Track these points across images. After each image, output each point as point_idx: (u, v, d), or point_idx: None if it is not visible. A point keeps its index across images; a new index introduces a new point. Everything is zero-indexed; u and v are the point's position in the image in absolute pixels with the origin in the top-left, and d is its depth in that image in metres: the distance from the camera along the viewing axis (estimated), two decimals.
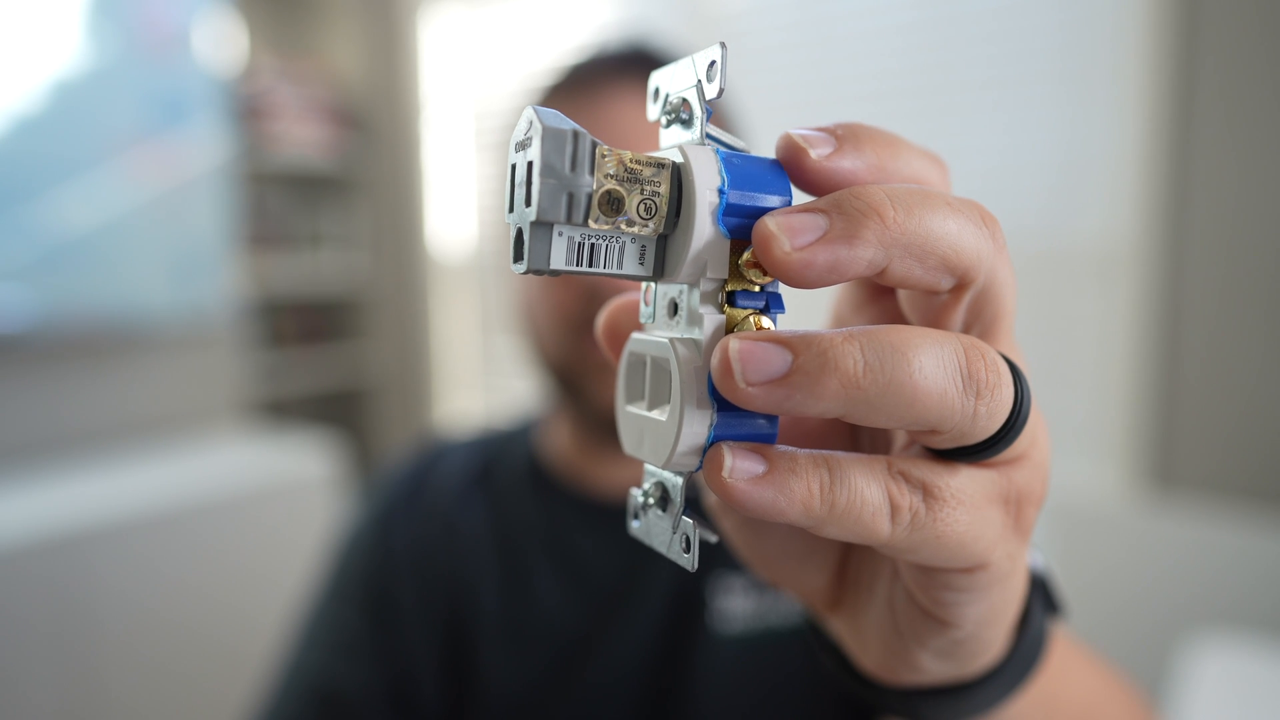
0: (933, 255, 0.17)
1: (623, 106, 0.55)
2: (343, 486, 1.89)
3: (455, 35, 2.37)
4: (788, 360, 0.16)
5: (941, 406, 0.17)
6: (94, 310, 1.70)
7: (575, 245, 0.18)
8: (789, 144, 0.19)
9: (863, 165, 0.19)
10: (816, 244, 0.17)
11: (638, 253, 0.19)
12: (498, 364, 2.40)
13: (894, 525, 0.18)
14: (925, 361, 0.16)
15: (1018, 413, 0.18)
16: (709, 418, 0.18)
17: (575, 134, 0.17)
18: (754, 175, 0.18)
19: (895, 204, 0.17)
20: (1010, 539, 0.20)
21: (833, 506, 0.17)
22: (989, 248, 0.18)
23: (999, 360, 0.18)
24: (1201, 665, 1.04)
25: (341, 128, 2.50)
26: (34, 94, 1.60)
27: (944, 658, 0.22)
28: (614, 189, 0.18)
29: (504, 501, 0.62)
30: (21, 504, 1.51)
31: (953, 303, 0.20)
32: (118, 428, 1.82)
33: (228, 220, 1.91)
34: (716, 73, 0.19)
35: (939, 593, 0.20)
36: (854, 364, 0.16)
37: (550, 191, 0.17)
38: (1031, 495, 0.20)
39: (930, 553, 0.18)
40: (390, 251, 2.60)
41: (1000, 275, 0.19)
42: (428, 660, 0.58)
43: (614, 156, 0.18)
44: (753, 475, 0.17)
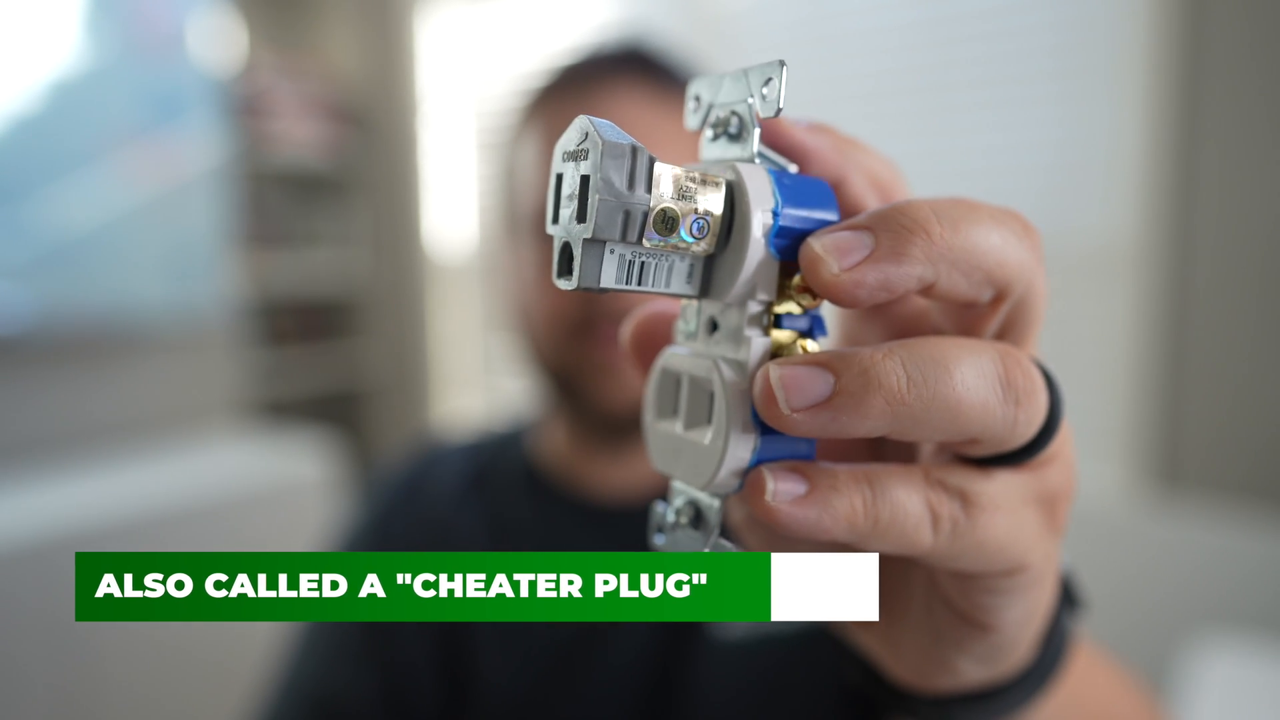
0: (979, 270, 0.18)
1: (618, 105, 0.55)
2: (340, 487, 1.89)
3: (453, 33, 2.36)
4: (830, 383, 0.16)
5: (984, 417, 0.17)
6: (91, 310, 1.69)
7: (626, 263, 0.18)
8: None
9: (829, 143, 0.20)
10: (865, 264, 0.16)
11: (686, 271, 0.19)
12: (496, 364, 2.39)
13: (936, 535, 0.18)
14: (967, 373, 0.16)
15: (1053, 418, 0.18)
16: (753, 442, 0.18)
17: (634, 149, 0.17)
18: (805, 196, 0.18)
19: (941, 219, 0.17)
20: (1046, 539, 0.20)
21: (876, 522, 0.17)
22: (1030, 260, 0.19)
23: (1033, 367, 0.18)
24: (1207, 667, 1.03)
25: (339, 125, 2.50)
26: (31, 93, 1.59)
27: (982, 661, 0.22)
28: (670, 207, 0.17)
29: (499, 505, 0.62)
30: (19, 504, 1.50)
31: (990, 312, 0.20)
32: (114, 428, 1.82)
33: (225, 219, 1.91)
34: (775, 92, 0.18)
35: (980, 597, 0.20)
36: (897, 380, 0.16)
37: (607, 209, 0.17)
38: (1064, 494, 0.20)
39: (971, 559, 0.19)
40: (388, 251, 2.59)
41: (1038, 285, 0.19)
42: (425, 664, 0.58)
43: (670, 174, 0.17)
44: (795, 496, 0.17)
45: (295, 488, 1.78)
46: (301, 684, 0.57)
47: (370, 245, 2.61)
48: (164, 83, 1.78)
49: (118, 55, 1.71)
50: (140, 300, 1.76)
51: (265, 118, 2.29)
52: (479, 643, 0.57)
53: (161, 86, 1.77)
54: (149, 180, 1.76)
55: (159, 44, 1.76)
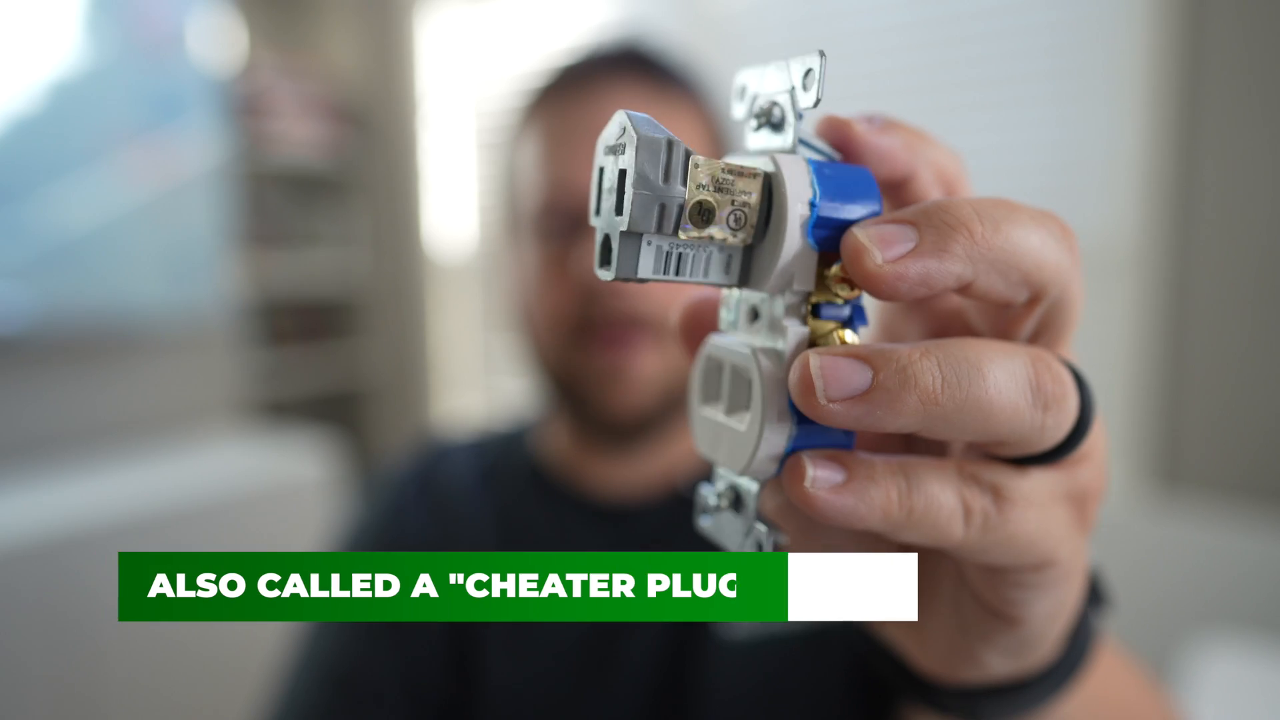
0: (1016, 270, 0.18)
1: (617, 104, 0.55)
2: (340, 486, 1.89)
3: (453, 33, 2.36)
4: (868, 377, 0.16)
5: (1013, 420, 0.17)
6: (91, 310, 1.69)
7: (663, 255, 0.18)
8: (835, 124, 0.19)
9: (900, 142, 0.20)
10: (907, 257, 0.17)
11: (724, 262, 0.19)
12: (496, 364, 2.39)
13: (967, 528, 0.18)
14: (999, 377, 0.17)
15: (1083, 420, 0.18)
16: (789, 430, 0.18)
17: (670, 143, 0.17)
18: (845, 187, 0.18)
19: (983, 218, 0.17)
20: (1075, 535, 0.20)
21: (910, 512, 0.18)
22: (1068, 262, 0.19)
23: (1064, 371, 0.18)
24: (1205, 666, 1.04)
25: (339, 125, 2.49)
26: (30, 93, 1.59)
27: (1008, 655, 0.22)
28: (706, 199, 0.18)
29: (507, 502, 0.62)
30: (19, 504, 1.50)
31: (1025, 313, 0.20)
32: (114, 428, 1.81)
33: (225, 219, 1.90)
34: (813, 82, 0.19)
35: (1008, 591, 0.20)
36: (933, 380, 0.16)
37: (643, 202, 0.17)
38: (1094, 491, 0.20)
39: (1001, 553, 0.19)
40: (388, 251, 2.59)
41: (1074, 288, 0.19)
42: (440, 652, 0.58)
43: (707, 166, 0.18)
44: (833, 484, 0.17)
45: (296, 487, 1.78)
46: (321, 661, 0.57)
47: (370, 245, 2.61)
48: (164, 82, 1.77)
49: (118, 55, 1.70)
50: (140, 300, 1.76)
51: (265, 118, 2.28)
52: (488, 643, 0.57)
53: (161, 86, 1.77)
54: (149, 180, 1.76)
55: (159, 44, 1.76)
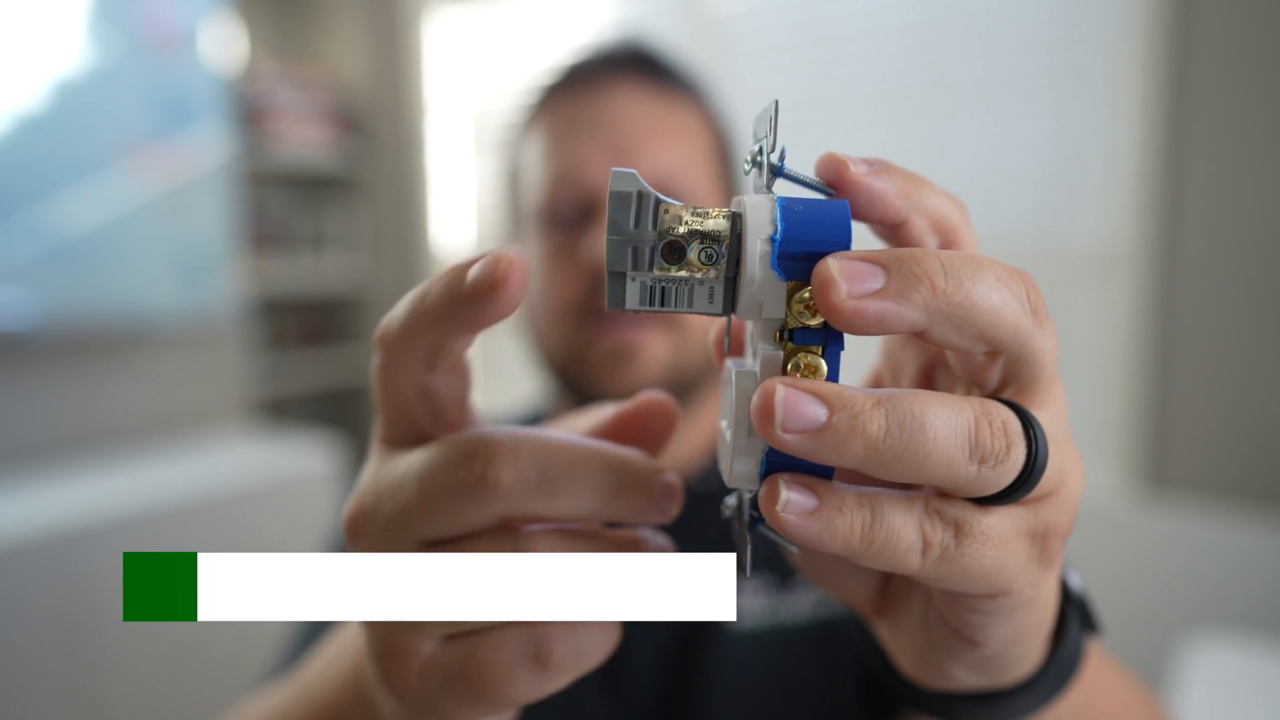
0: (971, 326, 0.19)
1: (619, 105, 0.56)
2: (344, 486, 1.90)
3: (456, 38, 2.38)
4: (823, 416, 0.17)
5: (948, 471, 0.18)
6: (97, 310, 1.71)
7: (646, 289, 0.20)
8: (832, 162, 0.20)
9: (894, 188, 0.21)
10: (870, 296, 0.18)
11: (706, 294, 0.21)
12: (498, 365, 2.41)
13: (924, 559, 0.19)
14: (939, 431, 0.18)
15: (1030, 469, 0.19)
16: (761, 446, 0.20)
17: (639, 194, 0.20)
18: (813, 221, 0.19)
19: (948, 274, 0.18)
20: (1033, 569, 0.21)
21: (870, 543, 0.19)
22: (1026, 324, 0.19)
23: (1011, 425, 0.19)
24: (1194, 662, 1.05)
25: (343, 130, 2.51)
26: (37, 95, 1.61)
27: (974, 671, 0.24)
28: (674, 240, 0.20)
29: None
30: (25, 502, 1.52)
31: (989, 363, 0.21)
32: (120, 427, 1.83)
33: (230, 221, 1.92)
34: (771, 128, 0.21)
35: (965, 615, 0.22)
36: (878, 429, 0.17)
37: (615, 246, 0.20)
38: (1058, 529, 0.21)
39: (956, 582, 0.20)
40: (392, 252, 2.61)
41: (1036, 345, 0.20)
42: None
43: (675, 211, 0.20)
44: (803, 510, 0.18)
45: (299, 487, 1.79)
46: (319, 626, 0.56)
47: (374, 247, 2.63)
48: (170, 85, 1.79)
49: (124, 58, 1.72)
50: (146, 300, 1.78)
51: (270, 120, 2.30)
52: None
53: (167, 89, 1.79)
54: (155, 182, 1.78)
55: (165, 47, 1.78)
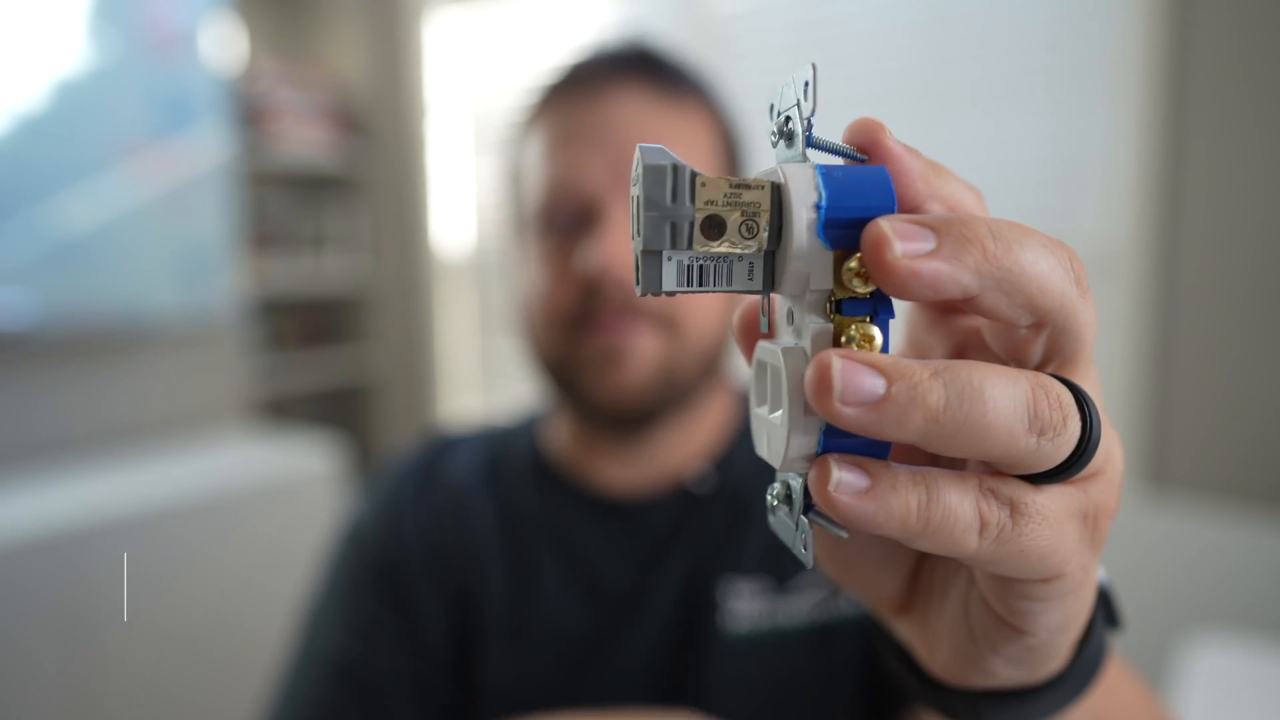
0: (1020, 293, 0.18)
1: (622, 105, 0.55)
2: (345, 486, 1.91)
3: (456, 38, 2.38)
4: (882, 387, 0.17)
5: (1008, 444, 0.18)
6: (97, 310, 1.71)
7: (684, 268, 0.19)
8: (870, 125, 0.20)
9: (919, 168, 0.20)
10: (924, 257, 0.17)
11: (746, 270, 0.20)
12: (499, 364, 2.41)
13: (982, 540, 0.19)
14: (999, 401, 0.17)
15: (1085, 444, 0.19)
16: (818, 425, 0.19)
17: (675, 168, 0.19)
18: (855, 187, 0.19)
19: (996, 237, 0.18)
20: (1085, 551, 0.21)
21: (928, 523, 0.18)
22: (1072, 293, 0.19)
23: (1065, 398, 0.19)
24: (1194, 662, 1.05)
25: (343, 130, 2.52)
26: (37, 95, 1.61)
27: (1015, 663, 0.23)
28: (715, 214, 0.19)
29: (509, 495, 0.62)
30: (25, 502, 1.52)
31: (1033, 337, 0.21)
32: (121, 427, 1.84)
33: (230, 221, 1.93)
34: (811, 92, 0.20)
35: (1016, 601, 0.21)
36: (938, 400, 0.17)
37: (653, 223, 0.19)
38: (1106, 509, 0.21)
39: (1013, 565, 0.19)
40: (392, 252, 2.61)
41: (1081, 317, 0.20)
42: (443, 649, 0.58)
43: (714, 183, 0.19)
44: (857, 490, 0.18)
45: (300, 487, 1.79)
46: (326, 656, 0.57)
47: (374, 247, 2.63)
48: (170, 85, 1.80)
49: (124, 58, 1.72)
50: (147, 300, 1.78)
51: (270, 120, 2.31)
52: (489, 635, 0.57)
53: (168, 89, 1.79)
54: (155, 181, 1.78)
55: (165, 47, 1.78)
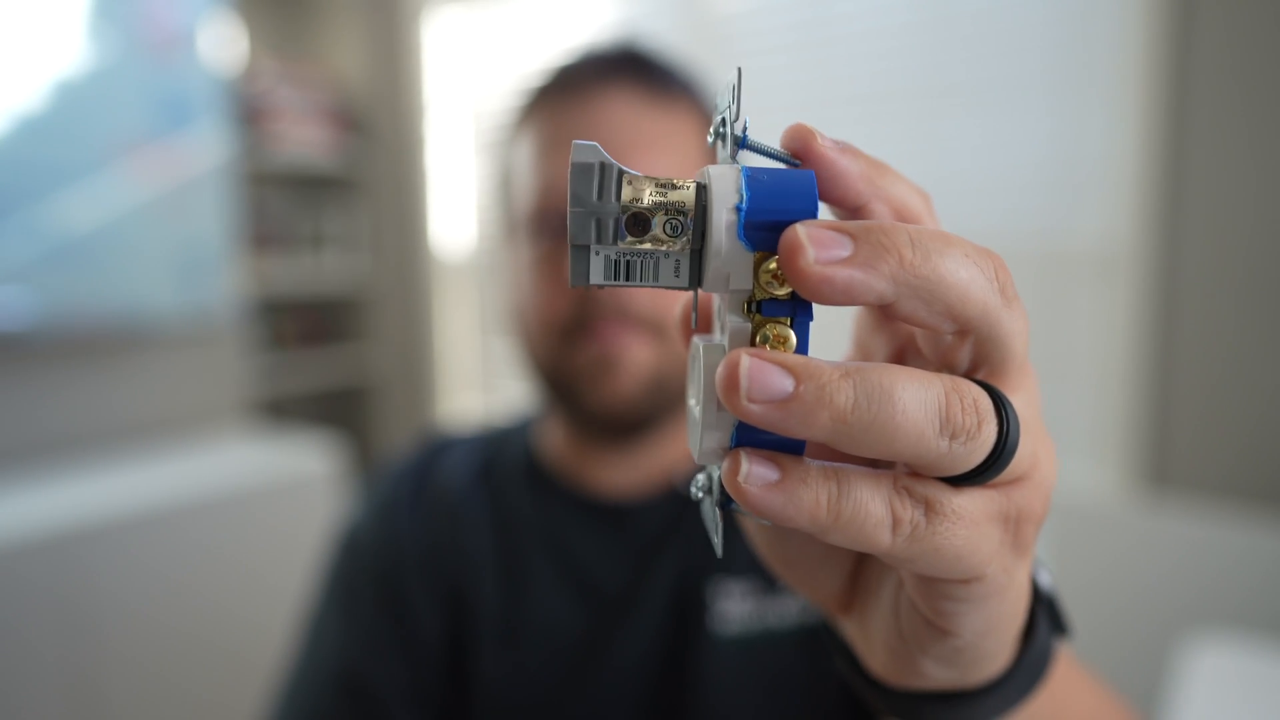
0: (939, 301, 0.18)
1: (610, 107, 0.56)
2: (344, 486, 1.91)
3: (456, 37, 2.38)
4: (790, 386, 0.17)
5: (918, 446, 0.18)
6: (97, 310, 1.71)
7: (611, 262, 0.20)
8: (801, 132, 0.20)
9: (857, 169, 0.20)
10: (838, 264, 0.17)
11: (672, 267, 0.20)
12: (498, 364, 2.41)
13: (894, 536, 0.19)
14: (909, 404, 0.17)
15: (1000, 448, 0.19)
16: (730, 420, 0.19)
17: (601, 165, 0.19)
18: (779, 189, 0.19)
19: (915, 246, 0.18)
20: (1006, 554, 0.21)
21: (838, 517, 0.18)
22: (995, 302, 0.19)
23: (983, 402, 0.18)
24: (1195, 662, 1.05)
25: (343, 130, 2.52)
26: (36, 95, 1.61)
27: (945, 664, 0.23)
28: (639, 212, 0.19)
29: (502, 497, 0.62)
30: (24, 503, 1.52)
31: (958, 344, 0.21)
32: (120, 427, 1.84)
33: (230, 221, 1.92)
34: (735, 95, 0.20)
35: (939, 602, 0.21)
36: (846, 400, 0.17)
37: (578, 218, 0.19)
38: (1030, 514, 0.21)
39: (927, 563, 0.19)
40: (391, 252, 2.61)
41: (1005, 327, 0.20)
42: (439, 653, 0.58)
43: (640, 182, 0.19)
44: (766, 482, 0.18)
45: (299, 487, 1.79)
46: (325, 666, 0.58)
47: (373, 246, 2.63)
48: (169, 85, 1.80)
49: (123, 58, 1.72)
50: (146, 300, 1.78)
51: (270, 120, 2.30)
52: (483, 639, 0.58)
53: (167, 89, 1.79)
54: (154, 181, 1.78)
55: (164, 47, 1.78)
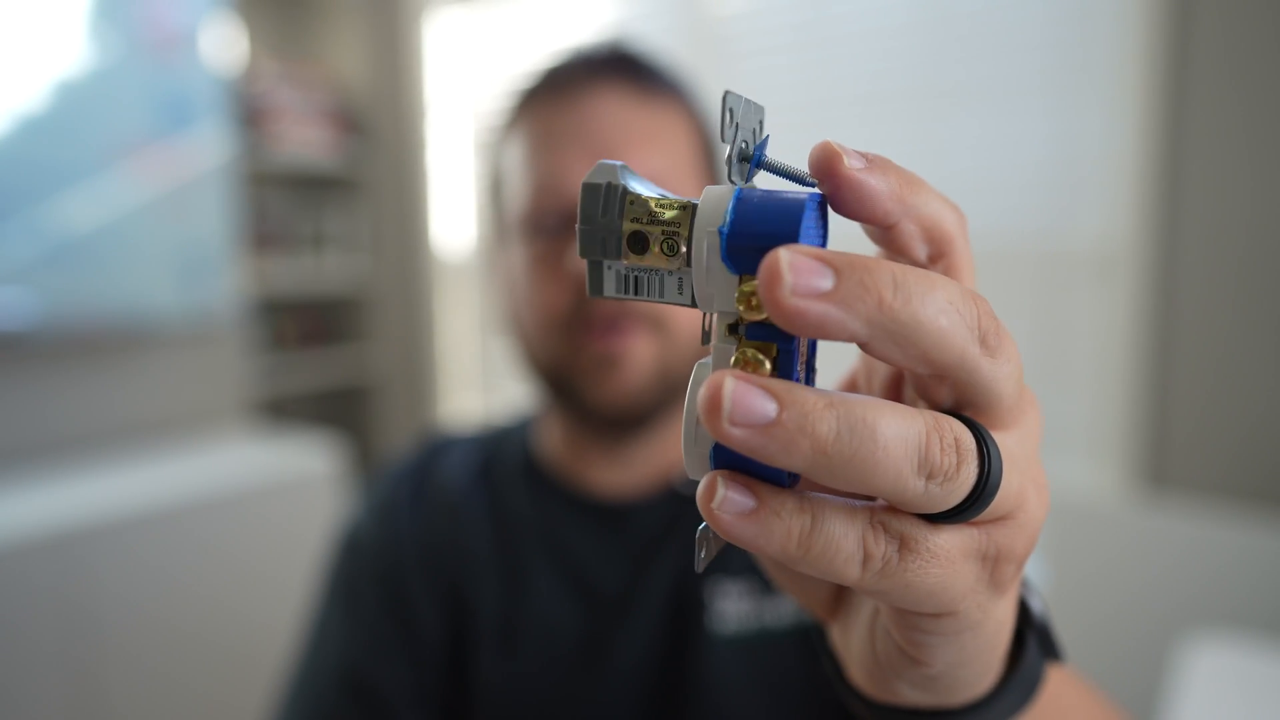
0: (914, 346, 0.18)
1: (601, 107, 0.56)
2: (345, 485, 1.91)
3: (456, 38, 2.38)
4: (773, 411, 0.16)
5: (895, 484, 0.17)
6: (98, 310, 1.71)
7: (622, 277, 0.21)
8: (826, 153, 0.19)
9: (886, 188, 0.19)
10: (816, 297, 0.17)
11: (676, 284, 0.21)
12: (499, 364, 2.41)
13: (864, 571, 0.18)
14: (889, 440, 0.17)
15: (980, 490, 0.18)
16: (710, 441, 0.19)
17: (607, 186, 0.20)
18: (764, 214, 0.19)
19: (898, 289, 0.17)
20: (982, 592, 0.20)
21: (808, 550, 0.18)
22: (973, 352, 0.18)
23: (964, 441, 0.18)
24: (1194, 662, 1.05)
25: (343, 130, 2.52)
26: (38, 95, 1.61)
27: (920, 689, 0.23)
28: (639, 230, 0.20)
29: (501, 497, 0.63)
30: (26, 503, 1.52)
31: (937, 384, 0.21)
32: (121, 427, 1.84)
33: (231, 221, 1.93)
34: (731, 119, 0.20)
35: (910, 632, 0.21)
36: (828, 431, 0.16)
37: (585, 235, 0.20)
38: (1011, 554, 0.20)
39: (898, 597, 0.19)
40: (392, 252, 2.61)
41: (984, 374, 0.19)
42: (441, 653, 0.58)
43: (640, 202, 0.20)
44: (740, 510, 0.18)
45: (300, 486, 1.80)
46: (329, 666, 0.58)
47: (374, 246, 2.63)
48: (171, 86, 1.80)
49: (124, 59, 1.73)
50: (147, 301, 1.79)
51: (270, 120, 2.31)
52: (483, 639, 0.58)
53: (168, 90, 1.80)
54: (156, 182, 1.79)
55: (166, 48, 1.79)
